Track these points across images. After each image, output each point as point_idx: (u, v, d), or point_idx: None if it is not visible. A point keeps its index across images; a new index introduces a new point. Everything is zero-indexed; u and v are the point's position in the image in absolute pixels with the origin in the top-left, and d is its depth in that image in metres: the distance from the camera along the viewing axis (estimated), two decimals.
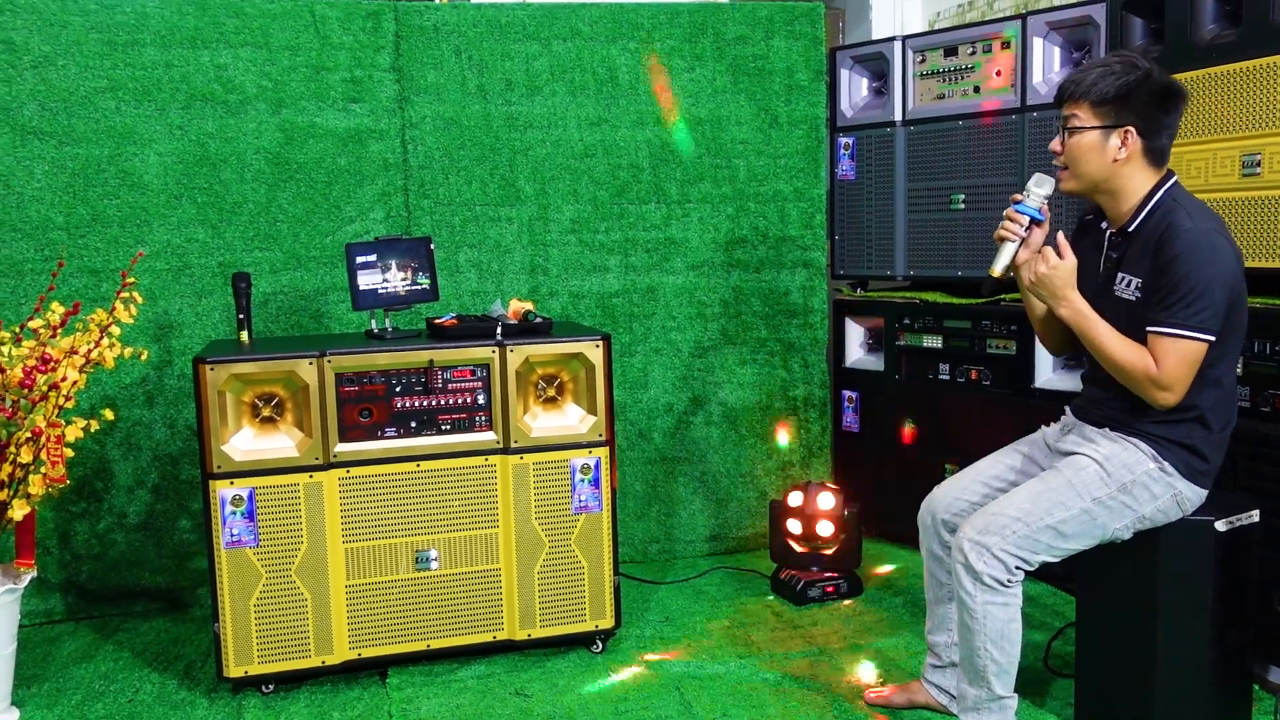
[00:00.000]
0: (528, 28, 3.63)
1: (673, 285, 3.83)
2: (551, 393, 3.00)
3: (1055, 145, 2.35)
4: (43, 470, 2.67)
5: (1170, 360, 2.19)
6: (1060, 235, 2.35)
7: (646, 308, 3.82)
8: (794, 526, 3.50)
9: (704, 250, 3.85)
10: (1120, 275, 2.33)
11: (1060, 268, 2.30)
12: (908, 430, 3.83)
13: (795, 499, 3.51)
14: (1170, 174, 2.32)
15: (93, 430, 2.82)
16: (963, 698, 2.40)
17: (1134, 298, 2.29)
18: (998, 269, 2.39)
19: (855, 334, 4.08)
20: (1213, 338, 2.18)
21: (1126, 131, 2.26)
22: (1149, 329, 2.21)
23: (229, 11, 3.39)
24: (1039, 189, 2.36)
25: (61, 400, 2.68)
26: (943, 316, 3.70)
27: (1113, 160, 2.28)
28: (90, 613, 3.44)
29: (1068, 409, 2.57)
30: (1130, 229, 2.32)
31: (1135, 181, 2.30)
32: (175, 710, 2.79)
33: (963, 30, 3.64)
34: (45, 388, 2.64)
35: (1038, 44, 3.42)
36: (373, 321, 3.06)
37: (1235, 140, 2.75)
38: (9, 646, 2.75)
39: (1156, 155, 2.29)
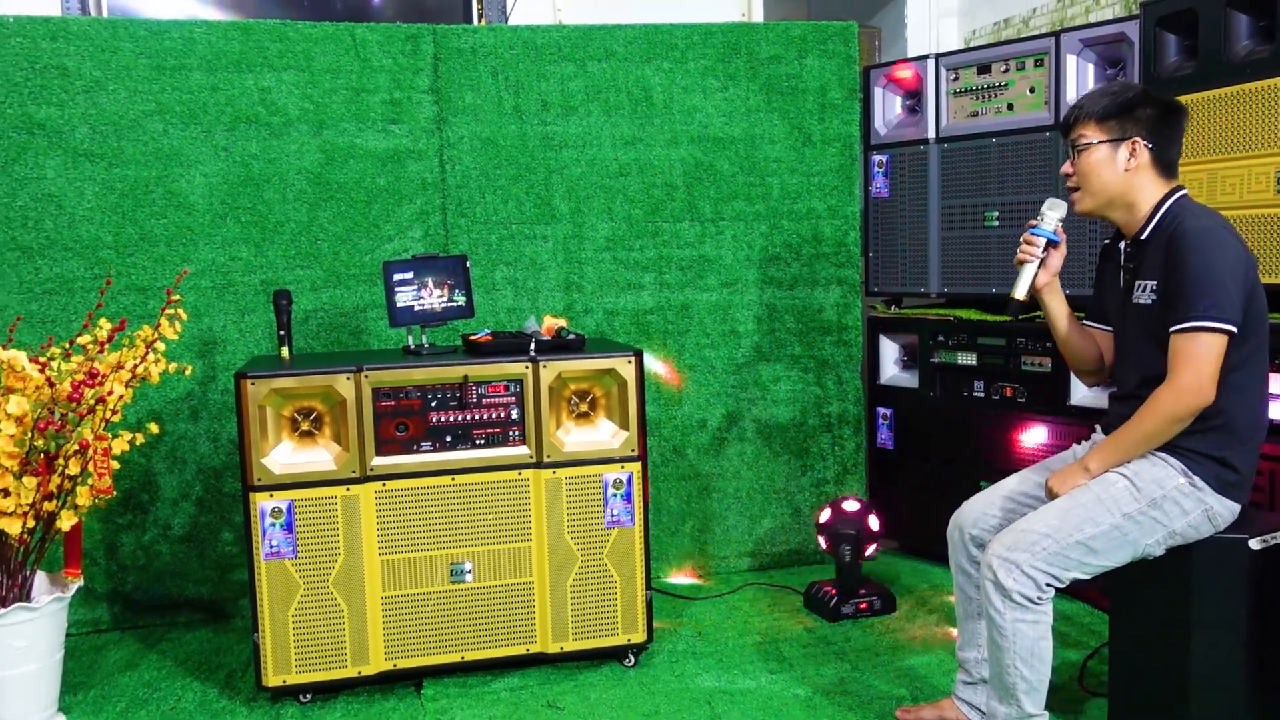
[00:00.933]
0: (563, 49, 3.69)
1: (707, 302, 3.86)
2: (584, 408, 3.03)
3: (1066, 168, 2.43)
4: (90, 482, 2.75)
5: (1193, 359, 2.19)
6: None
7: (681, 324, 3.85)
8: (829, 543, 3.49)
9: (738, 267, 3.88)
10: (1137, 283, 2.38)
11: (1059, 472, 2.40)
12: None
13: (830, 514, 3.51)
14: (1180, 187, 2.37)
15: (138, 444, 2.90)
16: (993, 715, 2.39)
17: (1150, 300, 2.33)
18: (1019, 292, 2.49)
19: (890, 351, 4.08)
20: (1232, 328, 2.18)
21: (1134, 142, 2.32)
22: (1170, 330, 2.22)
23: (272, 36, 3.48)
24: (1053, 212, 2.47)
25: (108, 414, 2.75)
26: (977, 333, 3.69)
27: (1124, 170, 2.33)
28: (135, 622, 3.52)
29: (1098, 427, 2.56)
30: (1143, 237, 2.37)
31: (1146, 193, 2.35)
32: (216, 718, 2.84)
33: (995, 48, 3.65)
34: (92, 401, 2.72)
35: (1071, 61, 3.42)
36: (409, 338, 3.12)
37: (1269, 156, 2.73)
38: (56, 654, 2.82)
39: (1165, 167, 2.35)
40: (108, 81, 3.37)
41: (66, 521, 2.75)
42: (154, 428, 3.00)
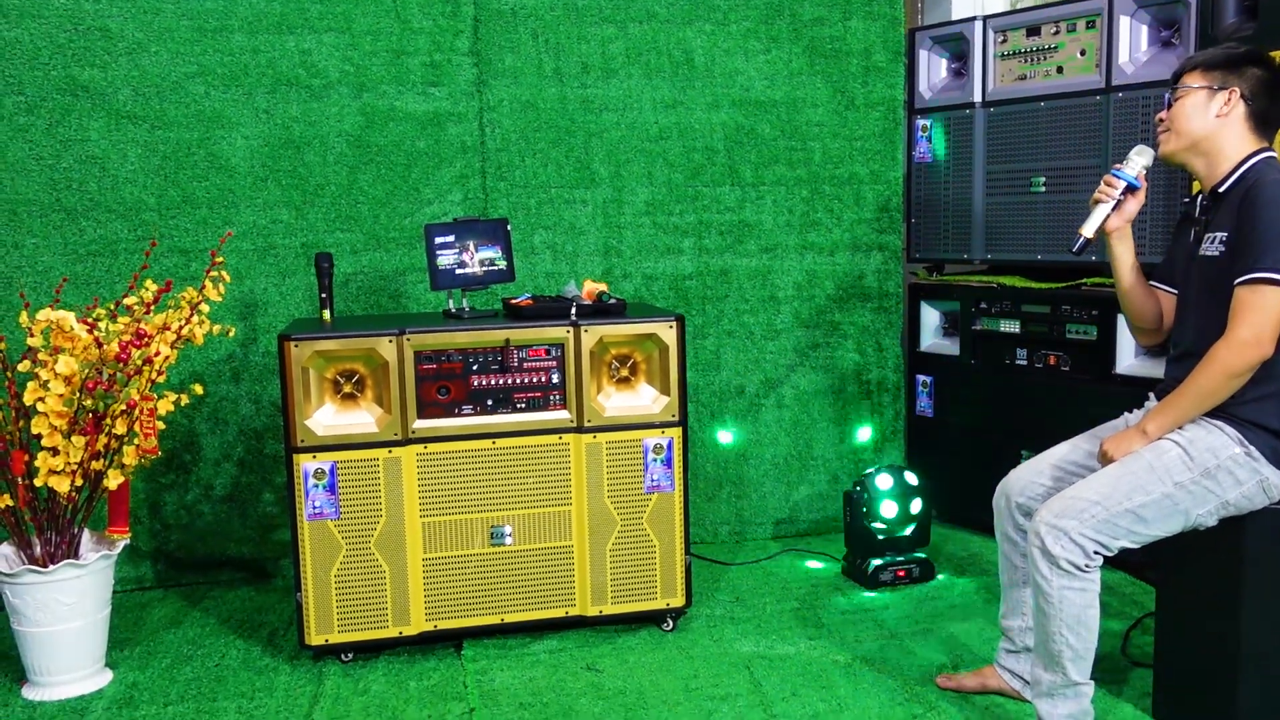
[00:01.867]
0: (604, 11, 3.65)
1: (746, 268, 3.83)
2: (625, 373, 3.02)
3: (1162, 114, 2.40)
4: (136, 442, 2.78)
5: (1255, 312, 2.15)
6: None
7: (719, 290, 3.83)
8: (867, 511, 3.48)
9: (778, 233, 3.84)
10: (1207, 235, 2.34)
11: (1114, 436, 2.37)
12: None
13: (868, 483, 3.49)
14: (1270, 148, 2.32)
15: (183, 404, 2.93)
16: (1037, 683, 2.37)
17: (1218, 253, 2.28)
18: (1088, 230, 2.47)
19: (930, 318, 4.03)
20: None
21: (1232, 92, 2.29)
22: (1235, 282, 2.18)
23: None
24: (1139, 158, 2.45)
25: (154, 375, 2.78)
26: (1021, 301, 3.65)
27: (1215, 116, 2.30)
28: (178, 580, 3.57)
29: (1152, 394, 2.52)
30: (1221, 189, 2.32)
31: (1233, 145, 2.31)
32: (259, 675, 2.88)
33: (1045, 9, 3.57)
34: (139, 362, 2.74)
35: (1124, 22, 3.34)
36: (450, 301, 3.11)
37: None
38: (103, 610, 2.86)
39: (1260, 124, 2.32)
40: (150, 43, 3.37)
41: (113, 480, 2.78)
42: (199, 389, 3.02)
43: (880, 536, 3.45)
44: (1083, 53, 3.46)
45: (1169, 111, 2.37)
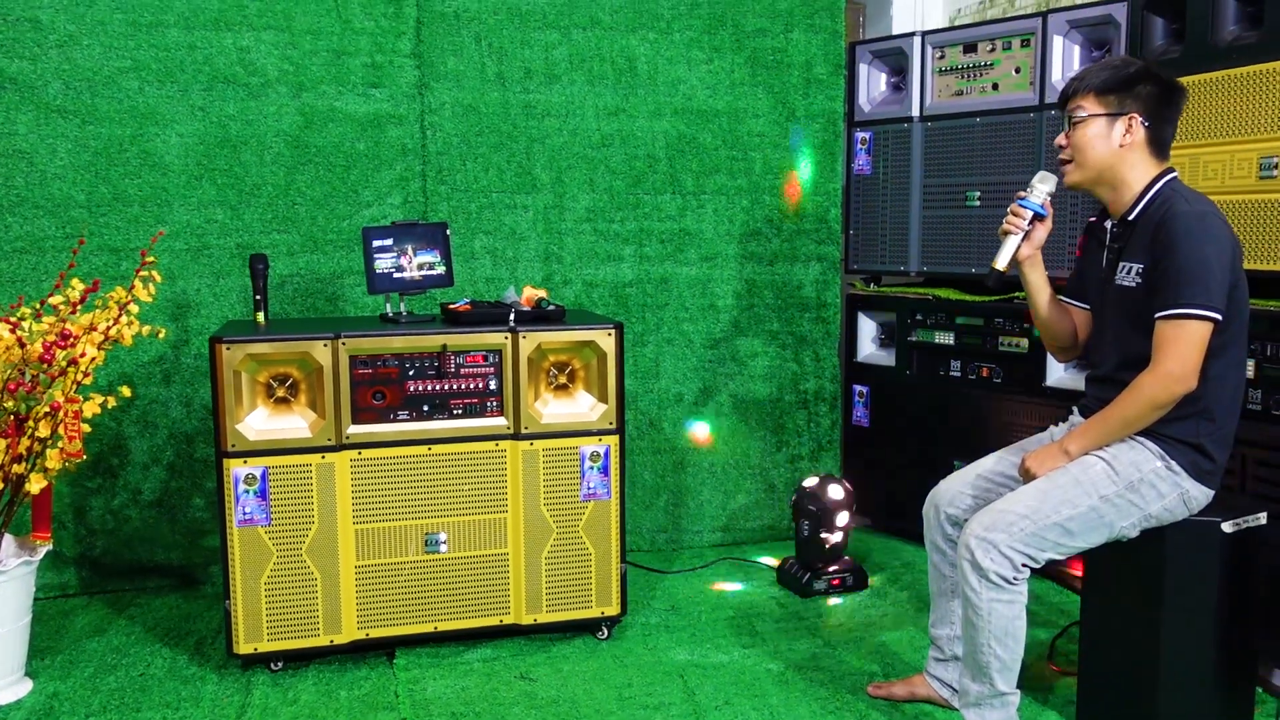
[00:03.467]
0: (548, 16, 3.64)
1: (686, 276, 3.85)
2: (563, 380, 3.02)
3: (1061, 140, 2.41)
4: (60, 445, 2.71)
5: (1179, 346, 2.19)
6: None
7: (659, 298, 3.84)
8: (805, 519, 3.50)
9: (718, 242, 3.86)
10: (1121, 264, 2.37)
11: (1036, 452, 2.40)
12: None
13: (806, 492, 3.51)
14: (1171, 169, 2.36)
15: (110, 406, 2.86)
16: (965, 693, 2.41)
17: (1134, 284, 2.32)
18: (1000, 263, 2.48)
19: (867, 329, 4.08)
20: (1218, 316, 2.19)
21: (1131, 118, 2.31)
22: (1156, 317, 2.23)
23: None
24: (1043, 185, 2.46)
25: (80, 376, 2.71)
26: (955, 313, 3.71)
27: (1118, 146, 2.32)
28: (103, 587, 3.48)
29: (1075, 409, 2.57)
30: (1130, 217, 2.36)
31: (1138, 171, 2.34)
32: (185, 685, 2.82)
33: (982, 27, 3.63)
34: (64, 363, 2.67)
35: (1058, 42, 3.41)
36: (387, 305, 3.08)
37: (1254, 142, 2.74)
38: (24, 618, 2.79)
39: (1159, 147, 2.35)
40: (82, 36, 3.30)
41: (36, 485, 2.71)
42: (126, 391, 2.95)
43: (816, 545, 3.47)
44: (1018, 70, 3.53)
45: (1068, 139, 2.37)
